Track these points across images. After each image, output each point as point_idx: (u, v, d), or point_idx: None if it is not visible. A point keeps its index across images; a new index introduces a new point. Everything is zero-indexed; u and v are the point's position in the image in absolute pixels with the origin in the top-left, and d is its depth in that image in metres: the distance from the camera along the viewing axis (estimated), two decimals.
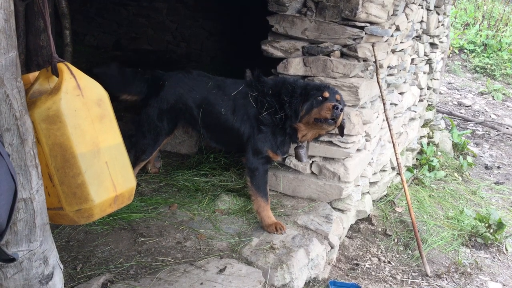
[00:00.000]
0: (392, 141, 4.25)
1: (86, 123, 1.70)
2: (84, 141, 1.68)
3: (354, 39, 3.93)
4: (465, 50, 14.41)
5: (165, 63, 7.87)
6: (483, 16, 15.81)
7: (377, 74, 4.07)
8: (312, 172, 4.26)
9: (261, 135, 3.68)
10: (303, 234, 3.77)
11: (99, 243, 3.43)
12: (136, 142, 4.09)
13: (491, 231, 4.86)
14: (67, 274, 3.07)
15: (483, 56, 14.04)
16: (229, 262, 3.27)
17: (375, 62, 4.04)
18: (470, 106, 10.41)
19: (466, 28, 15.51)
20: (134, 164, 4.08)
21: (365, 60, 4.02)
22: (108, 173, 1.64)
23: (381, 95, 4.18)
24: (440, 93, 10.05)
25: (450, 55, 13.60)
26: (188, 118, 3.93)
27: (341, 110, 3.41)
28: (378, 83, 4.08)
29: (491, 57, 13.84)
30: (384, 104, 4.21)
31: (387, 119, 4.26)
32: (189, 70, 4.04)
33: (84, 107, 1.73)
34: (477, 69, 13.50)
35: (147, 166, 4.56)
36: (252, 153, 3.72)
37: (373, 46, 3.97)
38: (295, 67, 4.06)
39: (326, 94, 3.50)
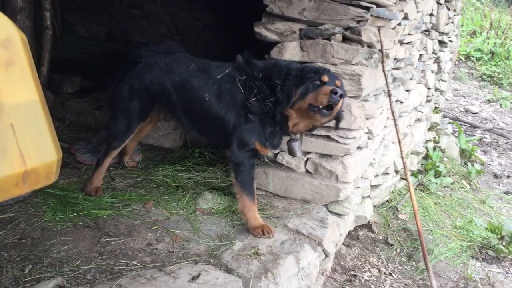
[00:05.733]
0: (398, 139, 3.78)
1: None
2: None
3: (358, 21, 3.48)
4: (472, 58, 13.99)
5: None
6: (491, 24, 15.39)
7: (382, 63, 3.61)
8: (307, 171, 3.80)
9: (248, 125, 3.22)
10: (293, 239, 3.30)
11: (56, 242, 2.95)
12: (108, 127, 3.64)
13: (504, 243, 4.39)
14: (12, 276, 2.60)
15: (490, 64, 13.61)
16: (205, 268, 2.80)
17: (381, 48, 3.59)
18: (477, 113, 9.96)
19: (473, 37, 15.10)
20: (105, 153, 3.64)
21: (369, 46, 3.57)
22: (14, 141, 1.17)
23: (387, 86, 3.72)
24: (446, 99, 9.62)
25: (457, 62, 13.16)
26: (166, 102, 3.47)
27: (341, 96, 2.95)
28: (384, 72, 3.63)
29: (499, 66, 13.41)
30: (390, 96, 3.75)
31: (393, 113, 3.80)
32: (171, 51, 3.59)
33: None
34: (484, 77, 13.07)
35: (124, 158, 4.10)
36: (237, 145, 3.25)
37: (379, 31, 3.52)
38: (290, 52, 3.61)
39: (325, 78, 3.04)
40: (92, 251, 2.90)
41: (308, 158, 3.78)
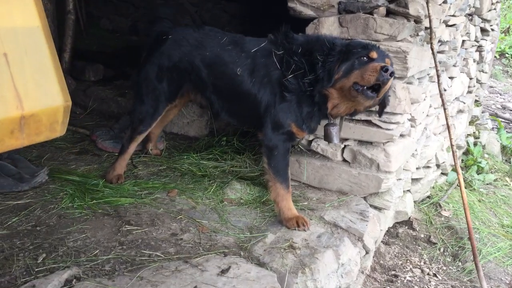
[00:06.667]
0: (447, 124, 3.42)
1: None
2: None
3: None
4: (507, 55, 13.43)
5: None
6: None
7: (431, 39, 3.27)
8: (344, 159, 3.48)
9: (284, 104, 2.91)
10: (331, 233, 2.99)
11: (72, 230, 2.70)
12: (133, 110, 3.38)
13: None
14: (24, 265, 2.35)
15: None
16: (235, 261, 2.51)
17: (429, 24, 3.25)
18: None
19: (507, 34, 14.49)
20: (130, 138, 3.39)
21: (416, 20, 3.24)
22: (7, 75, 0.89)
23: (436, 66, 3.37)
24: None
25: None
26: (195, 81, 3.19)
27: (391, 74, 2.61)
28: (432, 50, 3.28)
29: None
30: (438, 77, 3.39)
31: (441, 96, 3.44)
32: (200, 25, 3.32)
33: None
34: None
35: (148, 146, 3.85)
36: (271, 126, 2.95)
37: (427, 3, 3.18)
38: (328, 28, 3.30)
39: (374, 55, 2.70)
40: (112, 240, 2.65)
41: (345, 146, 3.46)
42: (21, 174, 3.16)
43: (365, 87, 2.68)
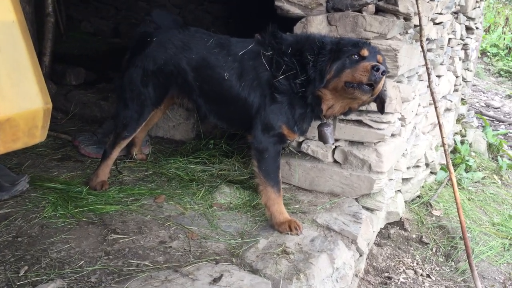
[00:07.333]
0: (438, 120, 3.37)
1: None
2: None
3: None
4: (488, 54, 13.57)
5: None
6: (506, 19, 14.95)
7: (421, 37, 3.22)
8: (335, 160, 3.41)
9: (274, 106, 2.82)
10: (324, 236, 2.91)
11: (56, 240, 2.58)
12: (117, 115, 3.26)
13: None
14: (5, 279, 2.23)
15: (507, 59, 13.18)
16: (227, 268, 2.41)
17: (419, 21, 3.20)
18: (499, 108, 9.54)
19: (487, 33, 14.65)
20: (113, 143, 3.27)
21: (406, 18, 3.19)
22: None
23: (426, 63, 3.32)
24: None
25: None
26: (182, 85, 3.09)
27: (383, 73, 2.54)
28: (423, 48, 3.24)
29: None
30: (429, 75, 3.34)
31: (432, 94, 3.39)
32: (185, 26, 3.22)
33: None
34: (501, 72, 12.66)
35: (132, 150, 3.73)
36: (261, 128, 2.86)
37: (416, 0, 3.14)
38: (316, 27, 3.23)
39: (365, 52, 2.63)
40: (97, 250, 2.53)
41: (336, 146, 3.39)
42: (0, 183, 3.02)
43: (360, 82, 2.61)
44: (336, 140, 3.36)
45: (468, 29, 5.77)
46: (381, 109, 2.88)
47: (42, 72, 1.19)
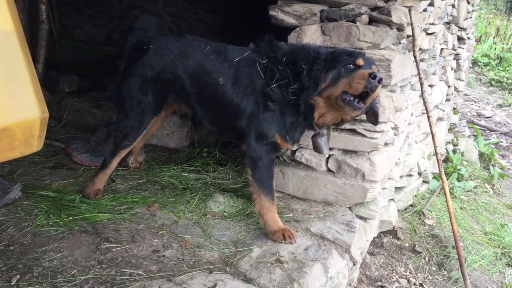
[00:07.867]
0: (431, 130, 3.40)
1: None
2: None
3: (386, 1, 3.14)
4: (479, 63, 13.70)
5: None
6: (497, 29, 15.13)
7: (414, 47, 3.26)
8: (329, 169, 3.42)
9: (267, 114, 2.84)
10: (318, 245, 2.91)
11: (48, 249, 2.56)
12: (117, 125, 3.25)
13: None
14: None
15: (498, 69, 13.32)
16: (221, 278, 2.41)
17: (412, 31, 3.24)
18: (491, 117, 9.62)
19: (478, 43, 14.82)
20: (113, 152, 3.26)
21: (399, 28, 3.22)
22: None
23: (418, 73, 3.35)
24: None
25: None
26: (179, 92, 3.09)
27: (380, 81, 2.56)
28: (416, 58, 3.27)
29: (507, 71, 13.10)
30: (422, 85, 3.38)
31: (425, 104, 3.42)
32: (182, 34, 3.24)
33: None
34: (493, 82, 12.76)
35: (129, 159, 3.72)
36: (255, 137, 2.87)
37: (409, 11, 3.17)
38: (310, 37, 3.25)
39: (360, 62, 2.65)
40: (90, 259, 2.51)
41: (330, 155, 3.40)
42: None
43: (352, 98, 2.63)
44: (330, 149, 3.37)
45: (460, 39, 5.83)
46: (375, 120, 2.89)
47: None
